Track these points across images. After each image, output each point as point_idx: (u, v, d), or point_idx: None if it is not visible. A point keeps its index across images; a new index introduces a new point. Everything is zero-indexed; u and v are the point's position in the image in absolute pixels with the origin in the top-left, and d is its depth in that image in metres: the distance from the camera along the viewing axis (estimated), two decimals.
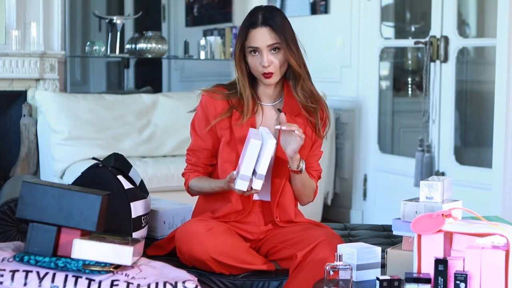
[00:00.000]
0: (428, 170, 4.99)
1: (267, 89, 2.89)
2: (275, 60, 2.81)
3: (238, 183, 2.67)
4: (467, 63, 5.37)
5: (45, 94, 5.19)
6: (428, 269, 2.25)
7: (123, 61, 7.02)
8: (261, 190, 2.72)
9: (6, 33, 5.25)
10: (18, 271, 2.46)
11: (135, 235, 2.89)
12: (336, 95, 5.76)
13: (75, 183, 2.85)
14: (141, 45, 5.88)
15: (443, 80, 5.03)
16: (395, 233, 2.56)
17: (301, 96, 2.88)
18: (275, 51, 2.81)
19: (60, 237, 2.54)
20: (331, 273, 2.27)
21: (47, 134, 5.15)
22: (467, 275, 2.17)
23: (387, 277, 2.25)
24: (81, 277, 2.45)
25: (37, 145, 5.32)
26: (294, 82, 2.88)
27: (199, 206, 2.99)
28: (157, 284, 2.45)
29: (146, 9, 6.78)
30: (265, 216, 2.90)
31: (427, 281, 2.21)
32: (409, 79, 5.98)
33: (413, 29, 5.91)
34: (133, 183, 3.00)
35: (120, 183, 2.90)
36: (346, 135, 5.79)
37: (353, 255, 2.44)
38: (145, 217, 2.98)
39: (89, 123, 5.13)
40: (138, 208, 2.93)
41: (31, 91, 5.36)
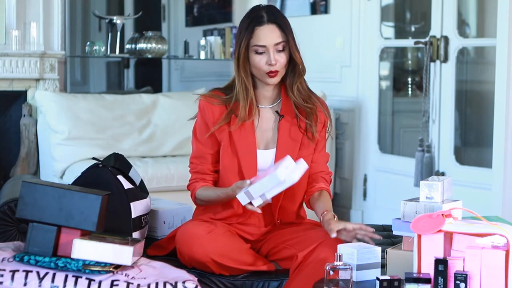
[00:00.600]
0: (428, 170, 4.99)
1: (265, 91, 2.87)
2: (280, 58, 2.79)
3: (241, 195, 2.65)
4: (467, 63, 5.37)
5: (45, 94, 5.19)
6: (428, 269, 2.25)
7: (123, 61, 7.02)
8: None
9: (6, 33, 5.25)
10: (18, 271, 2.46)
11: (135, 235, 2.89)
12: (336, 95, 5.76)
13: (75, 183, 2.85)
14: (141, 45, 5.88)
15: (443, 80, 5.03)
16: (395, 233, 2.56)
17: (297, 96, 2.86)
18: (281, 49, 2.79)
19: (60, 237, 2.54)
20: (331, 273, 2.27)
21: (47, 134, 5.15)
22: (467, 275, 2.17)
23: (387, 277, 2.25)
24: (81, 277, 2.45)
25: (37, 145, 5.32)
26: (292, 82, 2.86)
27: (200, 208, 2.98)
28: (157, 284, 2.45)
29: (146, 9, 6.77)
30: (265, 217, 2.89)
31: (427, 281, 2.21)
32: (409, 79, 5.97)
33: (413, 29, 5.91)
34: (133, 183, 3.00)
35: (120, 183, 2.90)
36: (346, 135, 5.79)
37: (353, 255, 2.44)
38: (145, 217, 2.98)
39: (89, 123, 5.13)
40: (138, 208, 2.93)
41: (31, 91, 5.36)
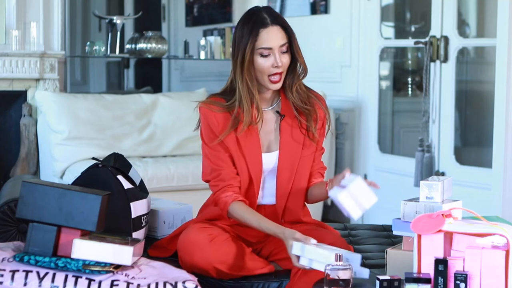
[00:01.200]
0: (428, 170, 4.99)
1: (266, 93, 2.85)
2: (285, 60, 2.77)
3: (296, 245, 2.54)
4: (467, 63, 5.38)
5: (45, 94, 5.19)
6: (428, 269, 2.25)
7: (123, 61, 7.02)
8: (266, 196, 2.80)
9: (6, 33, 5.25)
10: (18, 271, 2.46)
11: (135, 235, 2.89)
12: (336, 95, 5.76)
13: (75, 183, 2.85)
14: (141, 45, 5.88)
15: (443, 80, 5.03)
16: (395, 233, 2.56)
17: (296, 97, 2.84)
18: (285, 51, 2.77)
19: (60, 237, 2.54)
20: (331, 273, 2.27)
21: (47, 134, 5.15)
22: (467, 275, 2.17)
23: (387, 277, 2.25)
24: (81, 277, 2.45)
25: (37, 145, 5.32)
26: (291, 83, 2.83)
27: (203, 210, 2.96)
28: (157, 284, 2.45)
29: (146, 9, 6.78)
30: (269, 218, 2.88)
31: (427, 281, 2.21)
32: (409, 79, 5.98)
33: (413, 29, 5.91)
34: (133, 183, 3.00)
35: (120, 183, 2.90)
36: (346, 135, 5.79)
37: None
38: (145, 217, 2.98)
39: (89, 123, 5.13)
40: (138, 208, 2.92)
41: (31, 91, 5.36)
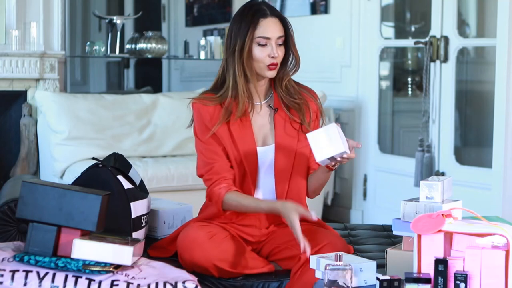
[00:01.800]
0: (428, 170, 4.99)
1: (259, 87, 2.87)
2: (280, 52, 2.80)
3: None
4: (467, 63, 5.38)
5: (45, 94, 5.19)
6: (428, 269, 2.25)
7: (123, 61, 7.03)
8: (265, 195, 2.82)
9: (6, 33, 5.25)
10: (18, 271, 2.46)
11: (135, 235, 2.89)
12: (336, 95, 5.76)
13: (75, 183, 2.85)
14: (141, 45, 5.88)
15: (443, 80, 5.03)
16: (395, 233, 2.56)
17: (285, 92, 2.86)
18: (281, 44, 2.80)
19: (60, 237, 2.54)
20: (331, 273, 2.27)
21: (47, 134, 5.15)
22: (467, 275, 2.17)
23: (387, 277, 2.25)
24: (81, 277, 2.45)
25: (37, 145, 5.32)
26: (281, 77, 2.86)
27: (203, 211, 2.97)
28: (157, 284, 2.45)
29: (146, 9, 6.78)
30: (268, 218, 2.88)
31: (427, 281, 2.21)
32: (409, 79, 5.98)
33: (413, 29, 5.91)
34: (133, 183, 3.00)
35: (120, 183, 2.90)
36: (346, 135, 5.77)
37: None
38: (145, 217, 2.98)
39: (89, 123, 5.13)
40: (138, 208, 2.92)
41: (31, 91, 5.36)
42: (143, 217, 2.96)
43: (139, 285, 2.44)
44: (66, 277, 2.45)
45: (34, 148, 5.32)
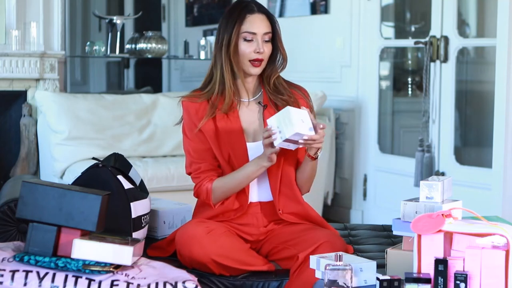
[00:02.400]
0: (428, 170, 4.99)
1: (248, 83, 2.89)
2: (266, 49, 2.84)
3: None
4: (467, 63, 5.38)
5: (45, 94, 5.19)
6: (428, 269, 2.25)
7: (123, 61, 7.03)
8: (261, 193, 2.84)
9: (6, 33, 5.25)
10: (18, 271, 2.46)
11: (135, 235, 2.89)
12: (336, 95, 5.76)
13: (75, 183, 2.85)
14: (141, 45, 5.88)
15: (443, 80, 5.03)
16: (395, 233, 2.56)
17: (272, 90, 2.88)
18: (267, 40, 2.84)
19: (60, 237, 2.54)
20: (331, 273, 2.27)
21: (47, 134, 5.15)
22: (467, 275, 2.17)
23: (387, 277, 2.25)
24: (81, 277, 2.45)
25: (37, 145, 5.32)
26: (269, 75, 2.89)
27: (199, 205, 2.98)
28: (157, 284, 2.45)
29: (146, 9, 6.78)
30: (266, 216, 2.89)
31: (427, 281, 2.21)
32: (409, 79, 5.97)
33: (413, 29, 5.91)
34: (133, 183, 3.00)
35: (120, 183, 2.90)
36: (346, 135, 5.79)
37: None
38: (145, 217, 2.98)
39: (89, 123, 5.13)
40: (138, 208, 2.93)
41: (31, 91, 5.36)
42: (143, 217, 2.96)
43: (139, 285, 2.44)
44: (66, 277, 2.45)
45: (34, 148, 5.31)
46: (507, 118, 4.37)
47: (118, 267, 2.49)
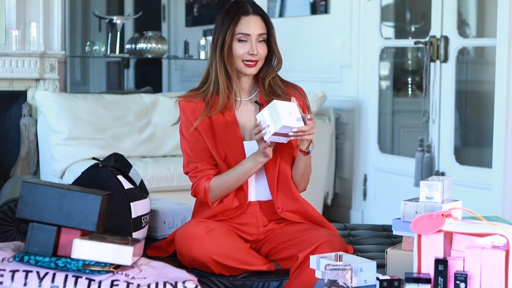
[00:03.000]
0: (428, 170, 4.99)
1: (243, 83, 2.90)
2: (261, 50, 2.84)
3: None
4: (467, 63, 5.37)
5: (45, 94, 5.19)
6: (428, 269, 2.25)
7: (123, 61, 7.03)
8: (259, 192, 2.84)
9: (6, 33, 5.25)
10: (18, 271, 2.46)
11: (135, 235, 2.89)
12: (336, 95, 5.76)
13: (75, 183, 2.85)
14: (141, 45, 5.88)
15: (443, 80, 5.03)
16: (395, 233, 2.56)
17: (267, 90, 2.89)
18: (262, 42, 2.84)
19: (60, 237, 2.54)
20: (331, 273, 2.27)
21: (47, 134, 5.14)
22: (467, 275, 2.17)
23: (387, 277, 2.25)
24: (81, 277, 2.45)
25: (37, 145, 5.32)
26: (264, 76, 2.90)
27: (198, 205, 2.98)
28: (157, 284, 2.45)
29: (146, 9, 6.78)
30: (265, 215, 2.89)
31: (427, 281, 2.21)
32: (409, 79, 5.97)
33: (413, 29, 5.91)
34: (133, 183, 3.00)
35: (120, 183, 2.90)
36: (346, 135, 5.79)
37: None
38: (145, 217, 2.98)
39: (89, 123, 5.13)
40: (138, 208, 2.93)
41: (31, 91, 5.36)
42: (143, 217, 2.96)
43: (139, 285, 2.44)
44: (66, 277, 2.45)
45: (34, 148, 5.31)
46: (507, 118, 4.36)
47: (118, 267, 2.49)
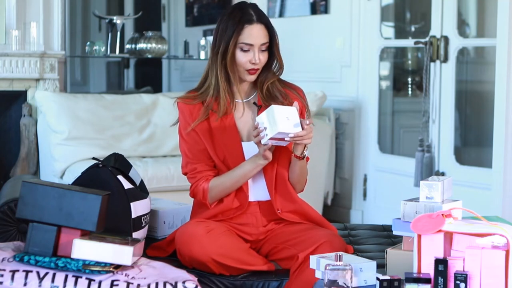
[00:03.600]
0: (428, 170, 4.99)
1: (243, 85, 2.91)
2: (262, 58, 2.84)
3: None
4: (467, 63, 5.37)
5: (45, 94, 5.19)
6: (428, 269, 2.25)
7: (123, 61, 7.02)
8: (258, 192, 2.84)
9: (6, 33, 5.25)
10: (18, 271, 2.46)
11: (135, 235, 2.89)
12: (336, 95, 5.76)
13: (75, 183, 2.85)
14: (141, 45, 5.88)
15: (443, 80, 5.03)
16: (395, 233, 2.56)
17: (266, 94, 2.89)
18: (264, 49, 2.84)
19: (60, 237, 2.54)
20: (331, 273, 2.27)
21: (47, 134, 5.14)
22: (467, 275, 2.17)
23: (387, 277, 2.25)
24: (81, 277, 2.45)
25: (37, 145, 5.32)
26: (263, 80, 2.89)
27: (197, 206, 2.98)
28: (157, 284, 2.45)
29: (146, 9, 6.78)
30: (265, 215, 2.89)
31: (427, 281, 2.21)
32: (409, 79, 5.98)
33: (413, 29, 5.91)
34: (133, 183, 3.00)
35: (120, 183, 2.90)
36: (346, 135, 5.79)
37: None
38: (145, 217, 2.98)
39: (89, 123, 5.13)
40: (138, 208, 2.93)
41: (31, 91, 5.36)
42: (143, 217, 2.96)
43: (139, 285, 2.44)
44: (66, 277, 2.45)
45: (34, 148, 5.31)
46: (507, 118, 4.36)
47: (118, 267, 2.49)
